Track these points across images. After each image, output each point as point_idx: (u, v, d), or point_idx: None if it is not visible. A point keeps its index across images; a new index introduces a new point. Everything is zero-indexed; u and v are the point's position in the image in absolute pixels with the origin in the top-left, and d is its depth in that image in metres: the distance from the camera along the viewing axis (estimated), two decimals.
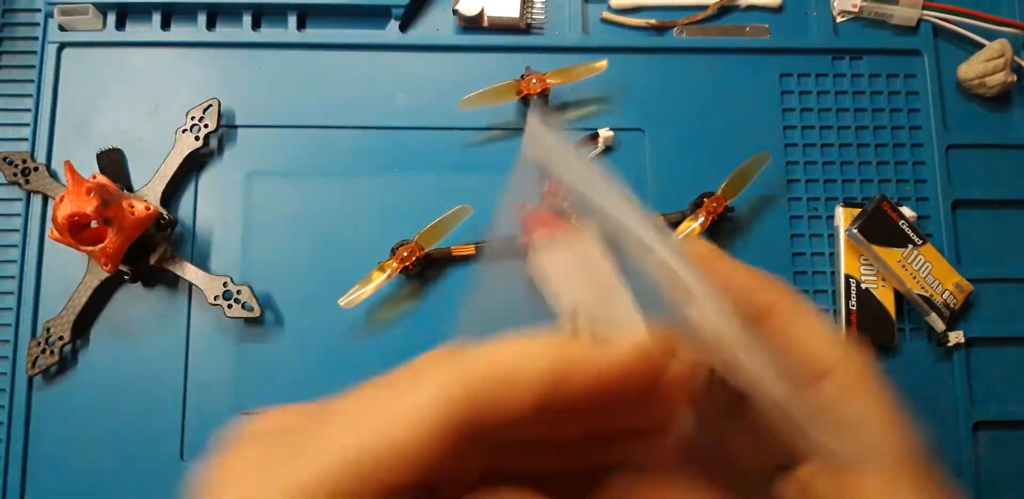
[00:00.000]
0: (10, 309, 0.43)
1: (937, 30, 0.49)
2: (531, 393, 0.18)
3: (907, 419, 0.24)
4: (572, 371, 0.18)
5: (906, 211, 0.45)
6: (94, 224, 0.39)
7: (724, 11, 0.49)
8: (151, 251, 0.42)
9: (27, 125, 0.46)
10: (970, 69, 0.47)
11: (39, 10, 0.47)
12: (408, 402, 0.18)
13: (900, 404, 0.25)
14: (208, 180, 0.45)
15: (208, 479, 0.19)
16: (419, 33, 0.48)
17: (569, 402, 0.18)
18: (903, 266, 0.43)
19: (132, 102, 0.46)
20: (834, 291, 0.45)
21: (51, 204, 0.44)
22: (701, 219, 0.43)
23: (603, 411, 0.19)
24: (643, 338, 0.19)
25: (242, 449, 0.20)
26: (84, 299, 0.42)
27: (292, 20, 0.47)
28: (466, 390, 0.17)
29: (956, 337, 0.44)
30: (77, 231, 0.39)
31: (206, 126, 0.44)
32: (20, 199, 0.45)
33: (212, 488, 0.19)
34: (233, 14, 0.47)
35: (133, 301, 0.44)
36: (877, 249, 0.43)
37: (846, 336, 0.27)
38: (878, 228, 0.43)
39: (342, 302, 0.41)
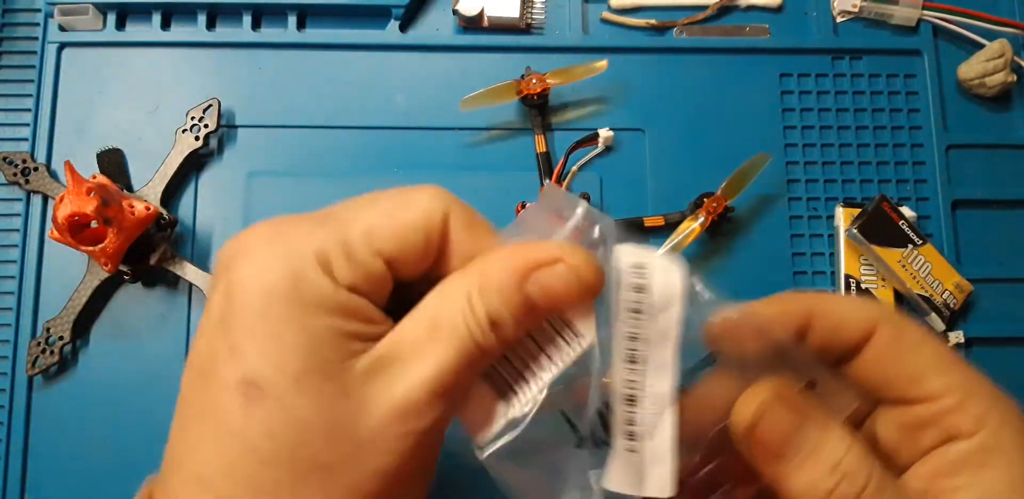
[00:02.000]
0: (10, 309, 0.43)
1: (937, 30, 0.49)
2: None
3: None
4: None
5: (906, 211, 0.45)
6: (94, 224, 0.39)
7: (724, 11, 0.49)
8: (151, 251, 0.42)
9: (27, 125, 0.46)
10: (970, 69, 0.47)
11: (39, 10, 0.47)
12: (411, 209, 0.24)
13: None
14: (208, 180, 0.45)
15: (229, 250, 0.23)
16: (419, 33, 0.48)
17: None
18: (903, 266, 0.43)
19: (132, 102, 0.46)
20: (834, 291, 0.45)
21: (51, 204, 0.44)
22: (701, 219, 0.43)
23: None
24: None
25: (256, 229, 0.24)
26: (84, 299, 0.42)
27: (292, 20, 0.47)
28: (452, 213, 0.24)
29: (956, 337, 0.44)
30: (77, 231, 0.39)
31: (206, 126, 0.44)
32: (20, 199, 0.45)
33: (239, 254, 0.23)
34: (233, 14, 0.47)
35: (133, 301, 0.44)
36: (877, 249, 0.43)
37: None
38: (878, 228, 0.43)
39: None
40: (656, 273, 0.23)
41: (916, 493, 0.24)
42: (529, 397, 0.23)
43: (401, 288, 0.24)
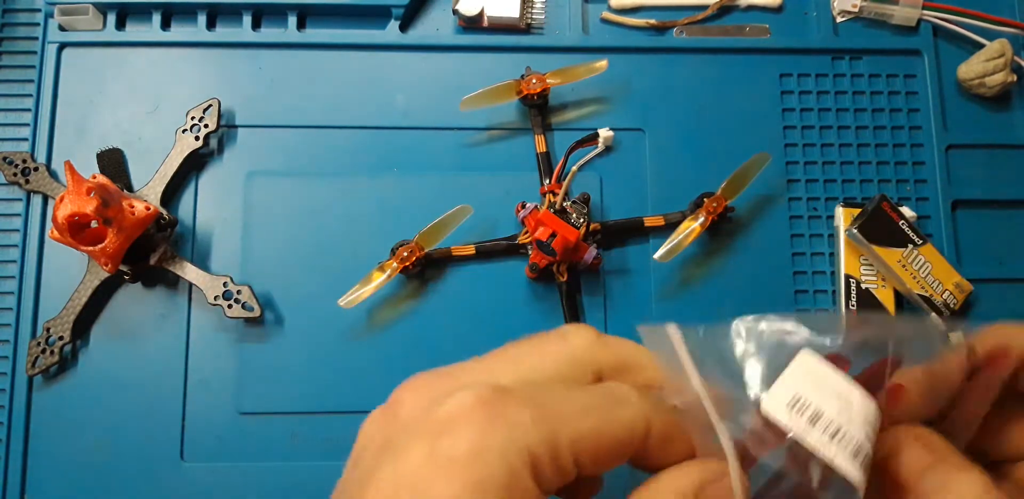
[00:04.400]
0: (10, 309, 0.43)
1: (937, 30, 0.49)
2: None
3: None
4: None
5: (906, 211, 0.45)
6: (94, 224, 0.39)
7: (724, 11, 0.49)
8: (151, 251, 0.42)
9: (27, 125, 0.46)
10: (970, 69, 0.47)
11: (39, 10, 0.47)
12: (621, 416, 0.22)
13: None
14: (208, 180, 0.45)
15: (394, 398, 0.23)
16: (419, 33, 0.48)
17: None
18: (903, 266, 0.43)
19: (132, 102, 0.46)
20: (834, 291, 0.45)
21: (51, 204, 0.44)
22: (701, 219, 0.43)
23: None
24: None
25: (475, 392, 0.22)
26: (84, 299, 0.42)
27: (292, 20, 0.47)
28: (654, 427, 0.23)
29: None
30: (77, 231, 0.39)
31: (206, 126, 0.44)
32: (20, 199, 0.45)
33: (457, 417, 0.22)
34: (233, 14, 0.47)
35: (133, 301, 0.44)
36: (877, 249, 0.43)
37: None
38: (878, 228, 0.43)
39: (342, 302, 0.41)
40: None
41: None
42: None
43: None
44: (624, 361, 0.24)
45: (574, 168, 0.44)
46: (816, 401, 0.22)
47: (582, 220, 0.43)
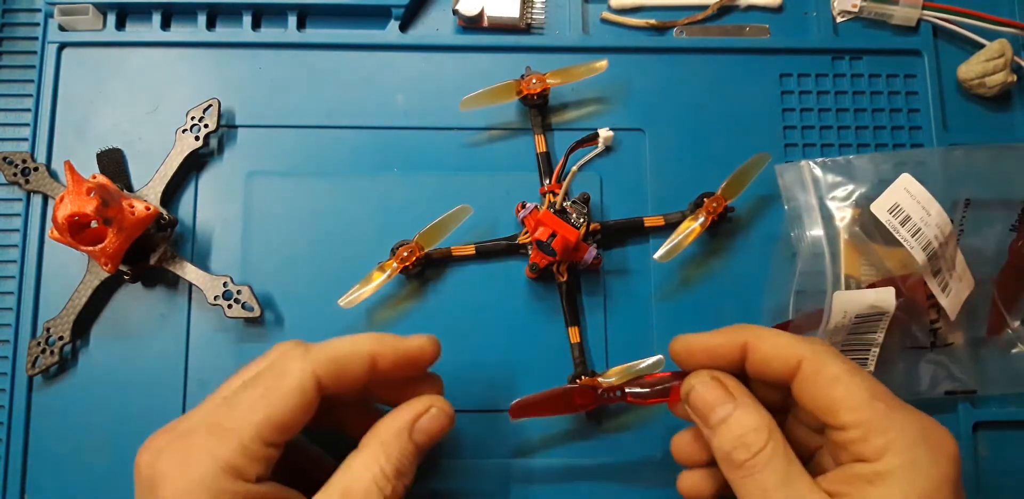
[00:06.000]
0: (10, 309, 0.43)
1: (937, 30, 0.49)
2: (361, 369, 0.31)
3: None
4: (380, 356, 0.32)
5: None
6: (94, 224, 0.39)
7: (724, 11, 0.49)
8: (151, 251, 0.42)
9: (27, 125, 0.46)
10: (970, 69, 0.47)
11: (39, 10, 0.47)
12: (284, 385, 0.30)
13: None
14: (208, 180, 0.45)
15: (145, 474, 0.29)
16: (419, 33, 0.48)
17: (383, 372, 0.32)
18: (903, 266, 0.43)
19: (132, 102, 0.46)
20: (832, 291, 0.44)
21: (51, 204, 0.44)
22: (701, 219, 0.43)
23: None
24: (427, 339, 0.33)
25: (162, 452, 0.30)
26: (84, 299, 0.42)
27: (292, 20, 0.47)
28: (319, 372, 0.30)
29: (955, 337, 0.44)
30: (77, 231, 0.39)
31: (206, 126, 0.44)
32: (20, 199, 0.45)
33: (155, 480, 0.29)
34: (233, 14, 0.47)
35: (133, 301, 0.44)
36: (877, 249, 0.43)
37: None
38: (878, 228, 0.43)
39: (342, 302, 0.41)
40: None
41: (825, 490, 0.30)
42: None
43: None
44: (333, 353, 0.31)
45: (574, 168, 0.44)
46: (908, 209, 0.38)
47: (582, 220, 0.43)
